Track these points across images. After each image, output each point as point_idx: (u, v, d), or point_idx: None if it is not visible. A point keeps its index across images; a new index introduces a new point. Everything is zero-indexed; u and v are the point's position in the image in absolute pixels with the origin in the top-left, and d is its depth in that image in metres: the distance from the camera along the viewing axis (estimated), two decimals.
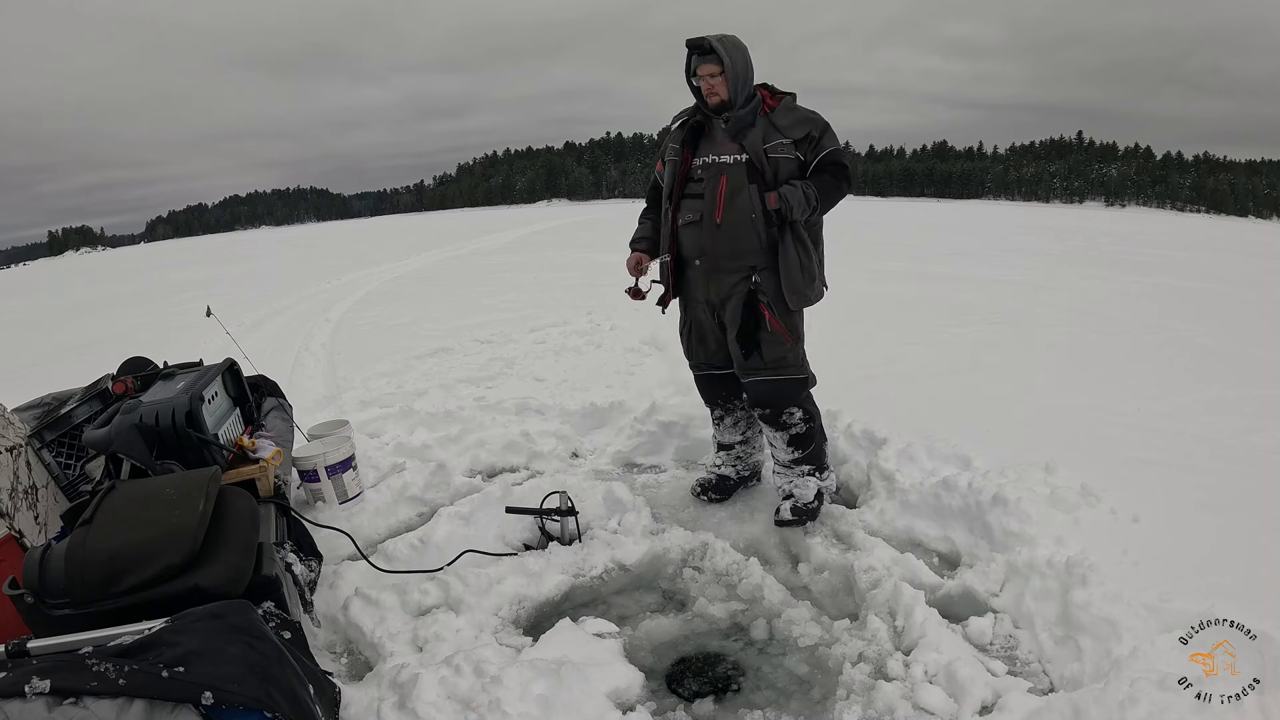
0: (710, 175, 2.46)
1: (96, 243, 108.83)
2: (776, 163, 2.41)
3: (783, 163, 2.41)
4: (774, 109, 2.44)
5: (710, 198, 2.46)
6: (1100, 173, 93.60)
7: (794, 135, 2.40)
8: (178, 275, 16.72)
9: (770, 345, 2.54)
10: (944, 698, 1.78)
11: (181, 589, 1.49)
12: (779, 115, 2.43)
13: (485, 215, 49.18)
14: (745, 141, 2.41)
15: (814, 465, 2.68)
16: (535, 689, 1.74)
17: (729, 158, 2.44)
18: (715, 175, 2.45)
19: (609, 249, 13.92)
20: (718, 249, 2.48)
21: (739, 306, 2.52)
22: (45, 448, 2.41)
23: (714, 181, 2.45)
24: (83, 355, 6.72)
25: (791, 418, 2.61)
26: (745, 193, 2.41)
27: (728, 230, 2.45)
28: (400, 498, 2.97)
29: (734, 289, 2.53)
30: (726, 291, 2.54)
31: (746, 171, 2.41)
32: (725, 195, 2.43)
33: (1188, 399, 3.73)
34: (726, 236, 2.46)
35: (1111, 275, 9.41)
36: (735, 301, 2.54)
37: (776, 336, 2.53)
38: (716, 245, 2.48)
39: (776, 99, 2.48)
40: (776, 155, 2.40)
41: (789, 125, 2.41)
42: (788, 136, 2.40)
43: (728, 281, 2.53)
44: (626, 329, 6.01)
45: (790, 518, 2.59)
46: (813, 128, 2.41)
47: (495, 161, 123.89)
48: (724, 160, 2.45)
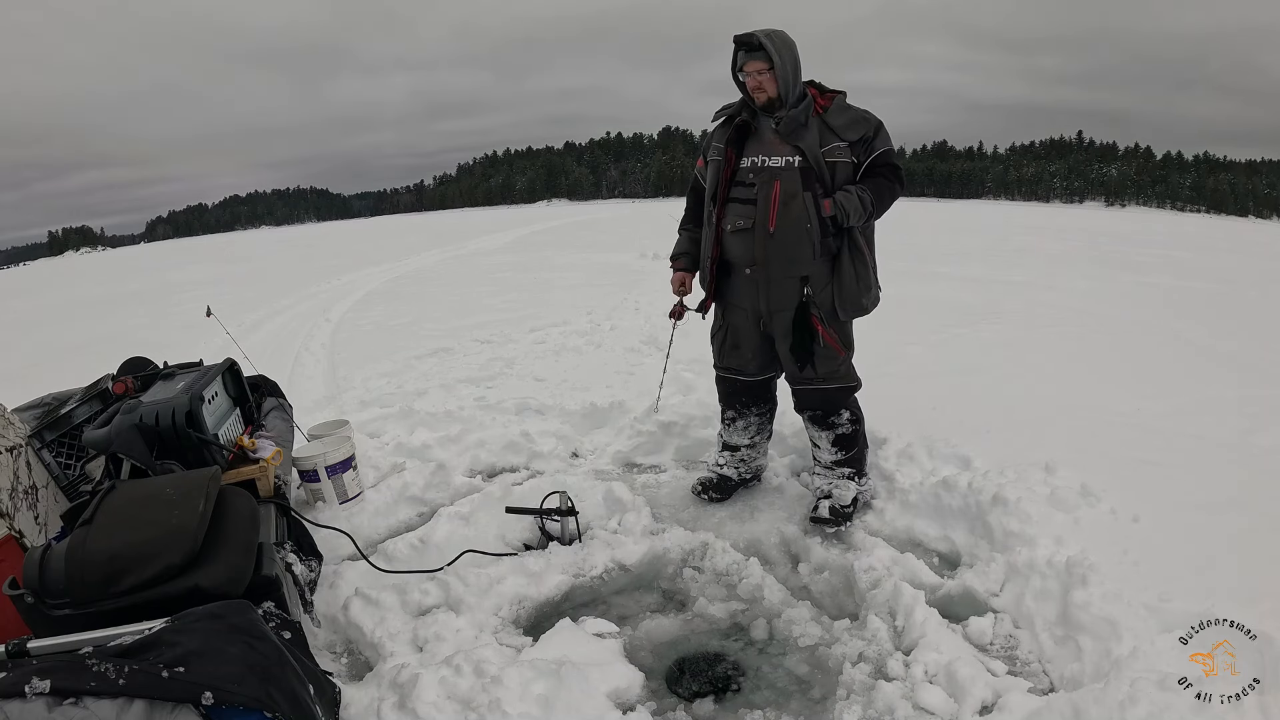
0: (763, 180, 2.36)
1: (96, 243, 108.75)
2: (834, 167, 2.32)
3: (840, 167, 2.33)
4: (826, 109, 2.35)
5: (764, 204, 2.36)
6: (1100, 172, 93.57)
7: (849, 137, 2.32)
8: (178, 275, 16.71)
9: (824, 360, 2.50)
10: (944, 698, 1.78)
11: (181, 589, 1.49)
12: (833, 116, 2.34)
13: (485, 215, 49.15)
14: (803, 144, 2.31)
15: (855, 469, 2.66)
16: (535, 689, 1.74)
17: (781, 160, 2.34)
18: (768, 180, 2.35)
19: (609, 249, 13.93)
20: (770, 258, 2.40)
21: (790, 320, 2.46)
22: (45, 448, 2.42)
23: (767, 187, 2.35)
24: (83, 355, 6.72)
25: (839, 418, 2.61)
26: (800, 199, 2.32)
27: (781, 239, 2.36)
28: (400, 498, 2.97)
29: (786, 300, 2.46)
30: (778, 303, 2.47)
31: (801, 177, 2.32)
32: (779, 202, 2.34)
33: (1188, 399, 3.73)
34: (780, 245, 2.37)
35: (1111, 275, 9.41)
36: (787, 315, 2.47)
37: (830, 351, 2.49)
38: (769, 254, 2.40)
39: (827, 98, 2.38)
40: (834, 159, 2.32)
41: (843, 126, 2.33)
42: (843, 139, 2.32)
43: (780, 292, 2.46)
44: (626, 329, 6.02)
45: (827, 516, 2.55)
46: (867, 128, 2.34)
47: (495, 161, 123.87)
48: (775, 164, 2.35)
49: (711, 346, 2.81)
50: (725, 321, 2.69)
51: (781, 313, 2.49)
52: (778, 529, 2.67)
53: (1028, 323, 5.98)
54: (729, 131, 2.44)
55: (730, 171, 2.44)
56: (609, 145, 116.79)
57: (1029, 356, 4.76)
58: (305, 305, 9.35)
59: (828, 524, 2.56)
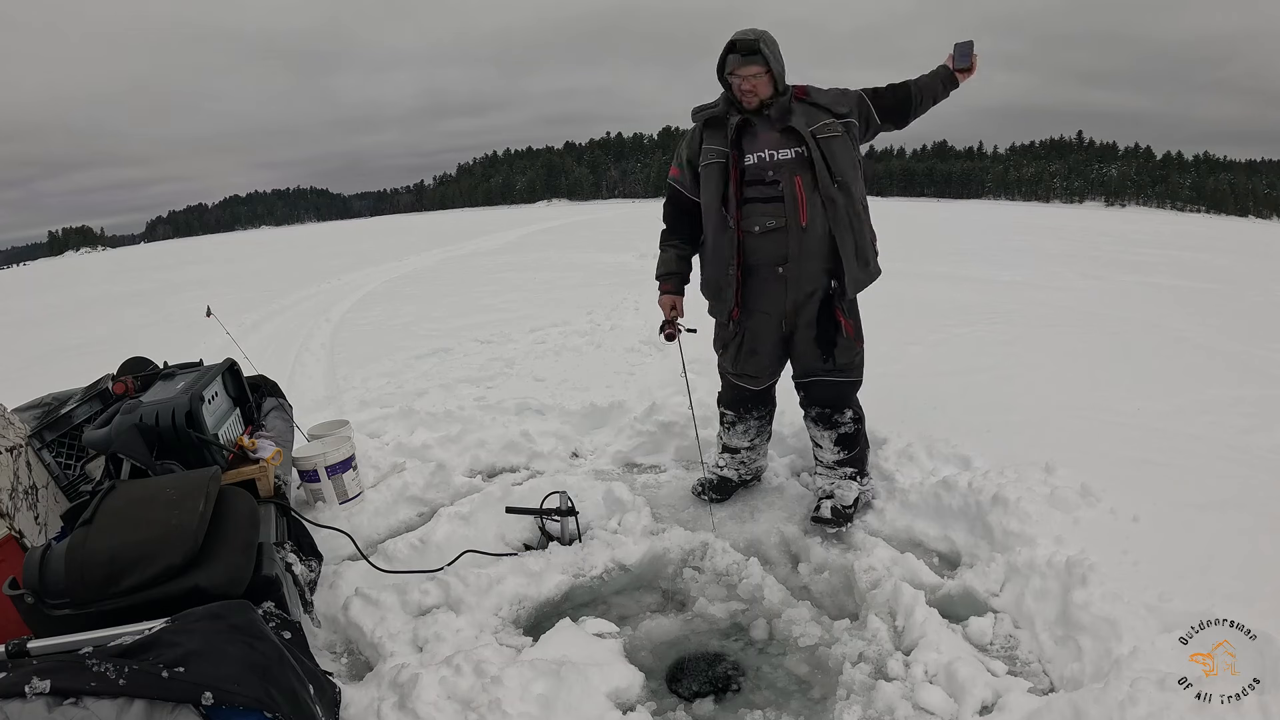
0: (784, 176, 2.36)
1: (96, 243, 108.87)
2: (829, 144, 2.34)
3: (835, 143, 2.35)
4: (806, 94, 2.42)
5: (791, 201, 2.36)
6: (1100, 172, 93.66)
7: (839, 110, 2.38)
8: (178, 275, 16.73)
9: (844, 350, 2.52)
10: (944, 698, 1.78)
11: (181, 589, 1.49)
12: (814, 96, 2.41)
13: (485, 215, 49.20)
14: (793, 122, 2.34)
15: (857, 469, 2.67)
16: (535, 689, 1.74)
17: (788, 152, 2.36)
18: (789, 176, 2.35)
19: (609, 249, 13.93)
20: (803, 253, 2.40)
21: (816, 311, 2.48)
22: (45, 448, 2.41)
23: (790, 184, 2.35)
24: (83, 355, 6.73)
25: (843, 417, 2.62)
26: (818, 191, 2.35)
27: (813, 233, 2.37)
28: (400, 498, 2.97)
29: (813, 294, 2.47)
30: (804, 297, 2.48)
31: (812, 167, 2.34)
32: (805, 196, 2.35)
33: (1188, 399, 3.73)
34: (813, 239, 2.38)
35: (1111, 275, 9.40)
36: (812, 306, 2.48)
37: (849, 341, 2.51)
38: (803, 249, 2.40)
39: (802, 87, 2.44)
40: (825, 135, 2.34)
41: (828, 103, 2.39)
42: (831, 113, 2.37)
43: (809, 287, 2.46)
44: (627, 329, 6.02)
45: (829, 516, 2.55)
46: (850, 97, 2.43)
47: (495, 161, 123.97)
48: (784, 157, 2.36)
49: (718, 352, 2.78)
50: (743, 327, 2.62)
51: (808, 306, 2.49)
52: (778, 529, 2.67)
53: (1028, 322, 5.98)
54: (730, 132, 2.40)
55: (738, 173, 2.41)
56: (609, 145, 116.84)
57: (1029, 356, 4.76)
58: (305, 305, 9.36)
59: (829, 524, 2.56)
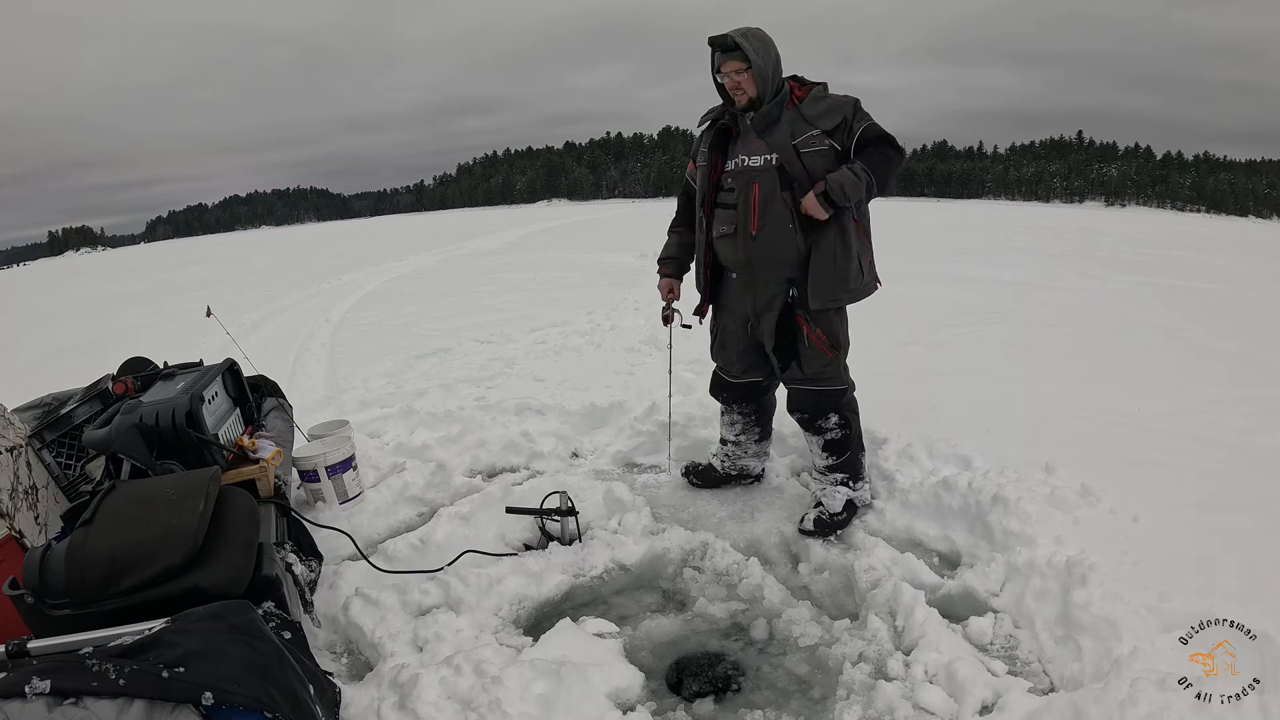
0: (741, 184, 2.35)
1: (96, 243, 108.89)
2: (811, 159, 2.25)
3: (818, 158, 2.25)
4: (802, 100, 2.30)
5: (744, 207, 2.34)
6: (1100, 172, 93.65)
7: (824, 125, 2.24)
8: (178, 275, 16.73)
9: (810, 359, 2.47)
10: (944, 698, 1.78)
11: (181, 589, 1.49)
12: (808, 106, 2.28)
13: (485, 215, 49.18)
14: (772, 140, 2.27)
15: (848, 474, 2.62)
16: (535, 689, 1.74)
17: (759, 159, 2.32)
18: (746, 183, 2.34)
19: (609, 249, 13.92)
20: (754, 261, 2.39)
21: (774, 320, 2.47)
22: (45, 448, 2.41)
23: (746, 191, 2.34)
24: (83, 355, 6.72)
25: (827, 423, 2.58)
26: (779, 199, 2.29)
27: (764, 241, 2.35)
28: (400, 498, 2.97)
29: (771, 302, 2.46)
30: (764, 304, 2.47)
31: (778, 176, 2.29)
32: (759, 204, 2.32)
33: (1188, 399, 3.73)
34: (763, 247, 2.36)
35: (1111, 275, 9.40)
36: (771, 315, 2.47)
37: (815, 350, 2.46)
38: (752, 257, 2.39)
39: (805, 89, 2.32)
40: (809, 150, 2.25)
41: (818, 115, 2.26)
42: (817, 127, 2.24)
43: (766, 294, 2.45)
44: (627, 329, 6.02)
45: (810, 529, 2.54)
46: (844, 112, 2.25)
47: (495, 161, 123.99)
48: (753, 164, 2.33)
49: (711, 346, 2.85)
50: (718, 323, 2.73)
51: (768, 314, 2.49)
52: (778, 529, 2.68)
53: (1027, 322, 5.98)
54: (713, 137, 2.43)
55: (716, 176, 2.44)
56: (609, 145, 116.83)
57: (1029, 356, 4.76)
58: (305, 305, 9.35)
59: (813, 536, 2.54)
